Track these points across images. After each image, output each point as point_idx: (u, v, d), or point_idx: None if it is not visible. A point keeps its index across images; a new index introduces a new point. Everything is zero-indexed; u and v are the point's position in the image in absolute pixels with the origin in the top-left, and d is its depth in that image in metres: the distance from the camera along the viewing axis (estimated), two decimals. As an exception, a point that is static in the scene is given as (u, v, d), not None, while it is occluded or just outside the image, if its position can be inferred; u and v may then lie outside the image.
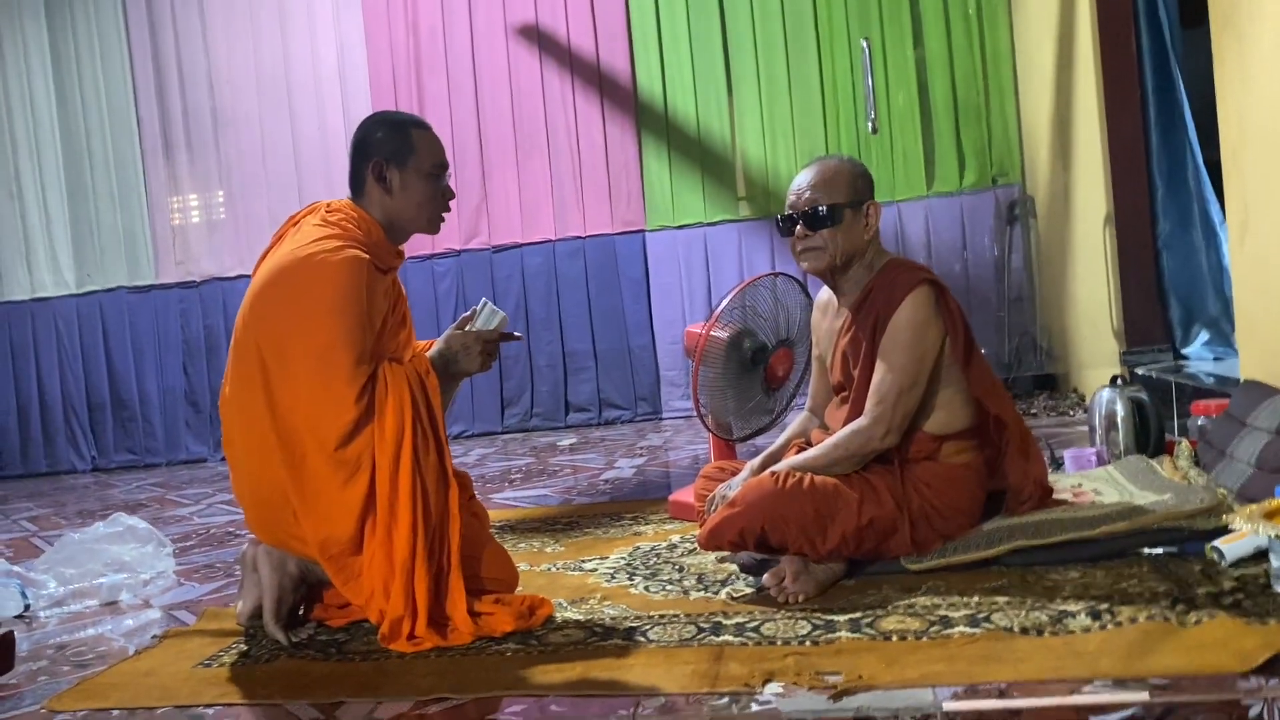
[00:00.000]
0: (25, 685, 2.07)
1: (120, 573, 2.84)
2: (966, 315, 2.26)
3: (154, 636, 2.32)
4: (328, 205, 2.26)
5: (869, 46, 5.17)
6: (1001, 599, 1.88)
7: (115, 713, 1.83)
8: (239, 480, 2.18)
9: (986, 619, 1.79)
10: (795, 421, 2.52)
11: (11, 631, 2.05)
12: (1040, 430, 3.73)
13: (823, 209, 2.22)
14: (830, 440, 2.19)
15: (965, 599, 1.91)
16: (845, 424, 2.25)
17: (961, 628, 1.76)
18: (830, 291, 2.40)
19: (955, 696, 1.49)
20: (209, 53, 6.28)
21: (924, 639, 1.74)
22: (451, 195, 2.32)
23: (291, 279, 2.09)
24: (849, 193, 2.25)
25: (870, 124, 5.16)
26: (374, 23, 6.09)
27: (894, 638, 1.76)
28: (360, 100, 6.05)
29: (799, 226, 2.25)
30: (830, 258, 2.24)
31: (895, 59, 5.52)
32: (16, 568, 2.88)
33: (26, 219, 6.53)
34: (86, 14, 6.38)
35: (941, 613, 1.85)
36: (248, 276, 6.09)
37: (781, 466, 2.18)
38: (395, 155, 2.22)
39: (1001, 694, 1.48)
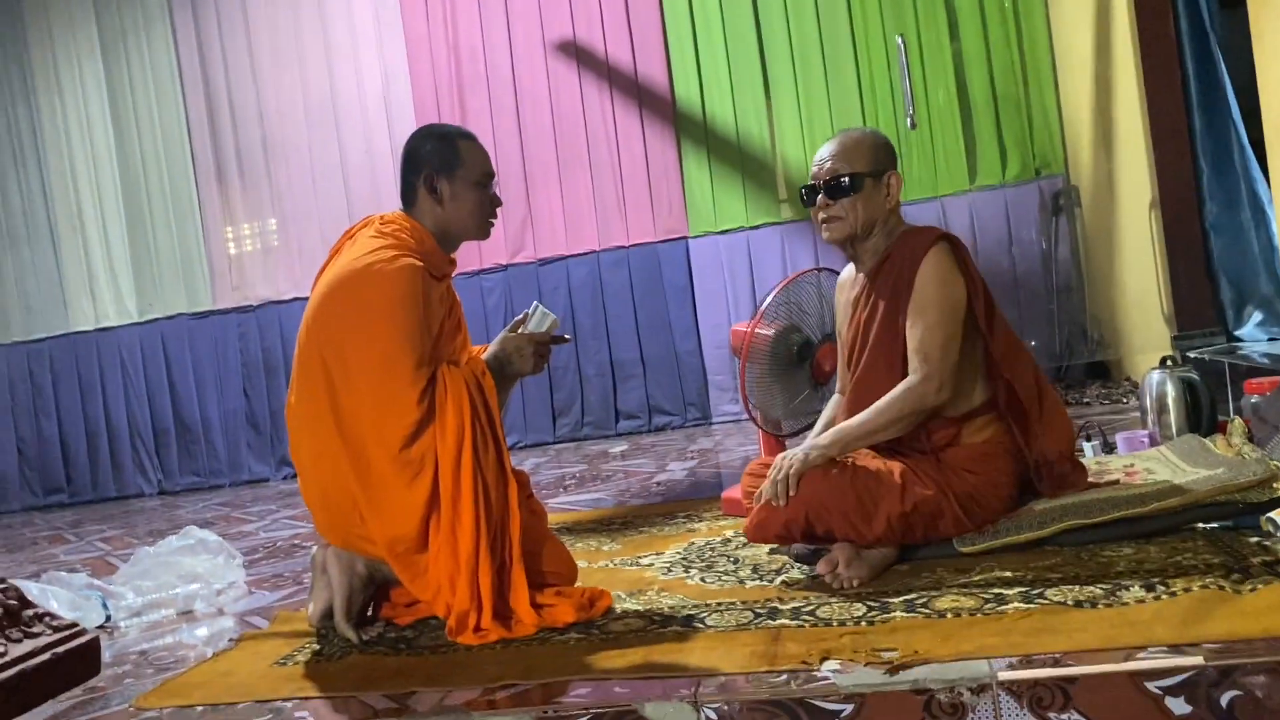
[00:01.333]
0: (111, 687, 2.17)
1: (194, 583, 2.94)
2: (1016, 307, 2.29)
3: (230, 640, 2.41)
4: (381, 218, 2.34)
5: (905, 43, 5.19)
6: (1055, 575, 1.90)
7: (199, 708, 1.91)
8: (307, 486, 2.26)
9: (1040, 595, 1.81)
10: (828, 407, 2.55)
11: (97, 637, 2.15)
12: (1094, 417, 3.72)
13: (844, 179, 2.27)
14: (880, 402, 2.18)
15: (1019, 577, 1.93)
16: (857, 390, 2.28)
17: (1016, 603, 1.78)
18: (851, 269, 2.44)
19: (1010, 667, 1.51)
20: (258, 84, 6.47)
21: (978, 615, 1.76)
22: (499, 202, 2.40)
23: (351, 289, 2.17)
24: (870, 162, 2.28)
25: (909, 120, 5.18)
26: (416, 47, 6.23)
27: (948, 615, 1.78)
28: (405, 123, 6.19)
29: (821, 196, 2.31)
30: (851, 227, 2.29)
31: (932, 54, 5.53)
32: (97, 581, 2.99)
33: (89, 252, 6.76)
34: (140, 52, 6.60)
35: (995, 590, 1.87)
36: (302, 299, 6.31)
37: (826, 436, 2.20)
38: (444, 166, 2.30)
39: (1056, 663, 1.50)
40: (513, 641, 2.00)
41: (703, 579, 2.30)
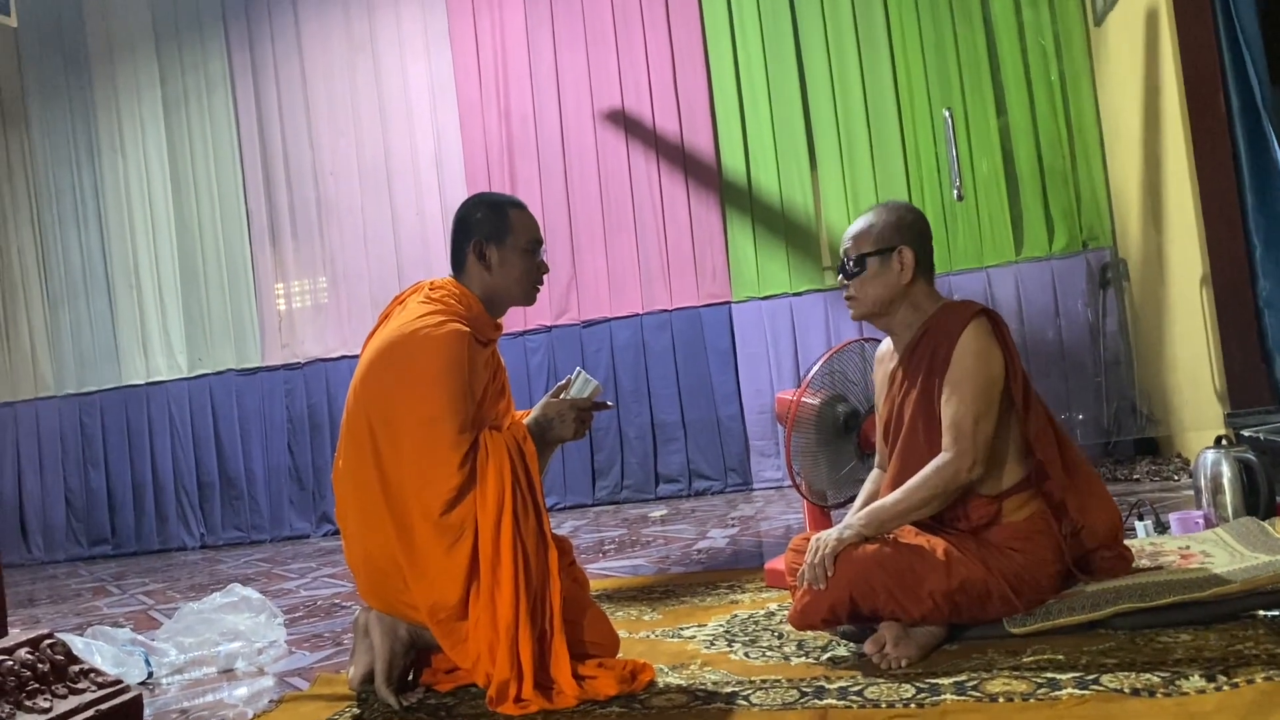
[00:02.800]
0: (152, 747, 2.17)
1: (235, 641, 2.95)
2: (1063, 380, 2.27)
3: (271, 701, 2.41)
4: (431, 283, 2.38)
5: (951, 116, 5.21)
6: (1110, 660, 1.85)
7: (239, 772, 1.91)
8: (352, 549, 2.26)
9: (1095, 681, 1.76)
10: (868, 481, 2.52)
11: (140, 695, 2.16)
12: (1145, 495, 3.65)
13: (850, 261, 2.33)
14: (913, 480, 2.16)
15: (1072, 660, 1.89)
16: (897, 466, 2.25)
17: (1070, 689, 1.74)
18: (889, 342, 2.44)
19: (1066, 757, 1.47)
20: (314, 146, 6.63)
21: (1031, 700, 1.72)
22: (546, 270, 2.44)
23: (398, 353, 2.19)
24: (876, 241, 2.30)
25: (956, 192, 5.19)
26: (468, 113, 6.37)
27: (1000, 699, 1.74)
28: (456, 186, 6.30)
29: (840, 277, 2.38)
30: (867, 305, 2.33)
31: (978, 127, 5.55)
32: (140, 636, 3.01)
33: (144, 308, 6.91)
34: (201, 115, 6.81)
35: (1048, 674, 1.83)
36: (350, 357, 6.39)
37: (860, 516, 2.17)
38: (494, 234, 2.34)
39: (1114, 755, 1.46)
40: (553, 714, 1.98)
41: (746, 654, 2.27)
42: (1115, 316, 5.31)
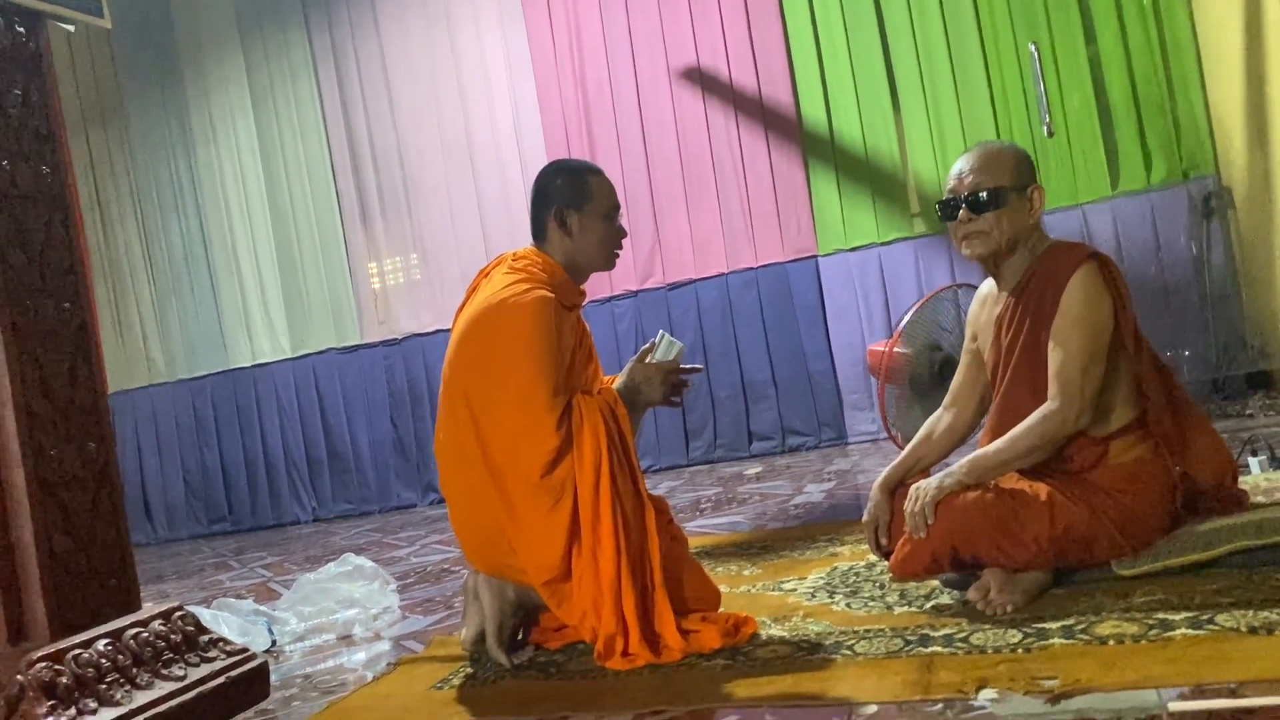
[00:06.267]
0: (280, 710, 2.28)
1: (352, 608, 3.07)
2: (1167, 316, 2.20)
3: (389, 664, 2.51)
4: (514, 254, 2.42)
5: (1038, 50, 5.04)
6: (1225, 600, 1.81)
7: (363, 731, 2.00)
8: (457, 517, 2.33)
9: (1210, 620, 1.72)
10: (928, 421, 2.48)
11: (266, 661, 2.27)
12: (1259, 430, 3.52)
13: (985, 193, 2.20)
14: (1017, 429, 2.12)
15: (1185, 601, 1.85)
16: (1000, 414, 2.21)
17: (1183, 630, 1.70)
18: (991, 283, 2.37)
19: (1182, 697, 1.45)
20: (397, 127, 6.74)
21: (1143, 642, 1.69)
22: (624, 234, 2.46)
23: (488, 324, 2.24)
24: (1014, 175, 2.22)
25: (1046, 128, 5.02)
26: (545, 83, 6.39)
27: (1111, 642, 1.72)
28: (536, 157, 6.34)
29: (962, 211, 2.24)
30: (995, 243, 2.22)
31: (1066, 60, 5.35)
32: (262, 607, 3.15)
33: (245, 293, 7.15)
34: (288, 103, 6.97)
35: (1160, 615, 1.80)
36: (444, 331, 6.51)
37: (962, 464, 2.15)
38: (574, 201, 2.37)
39: (1232, 693, 1.43)
40: (660, 667, 2.02)
41: (848, 605, 2.28)
42: (1221, 247, 5.10)
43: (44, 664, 1.90)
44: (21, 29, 2.15)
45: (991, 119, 5.51)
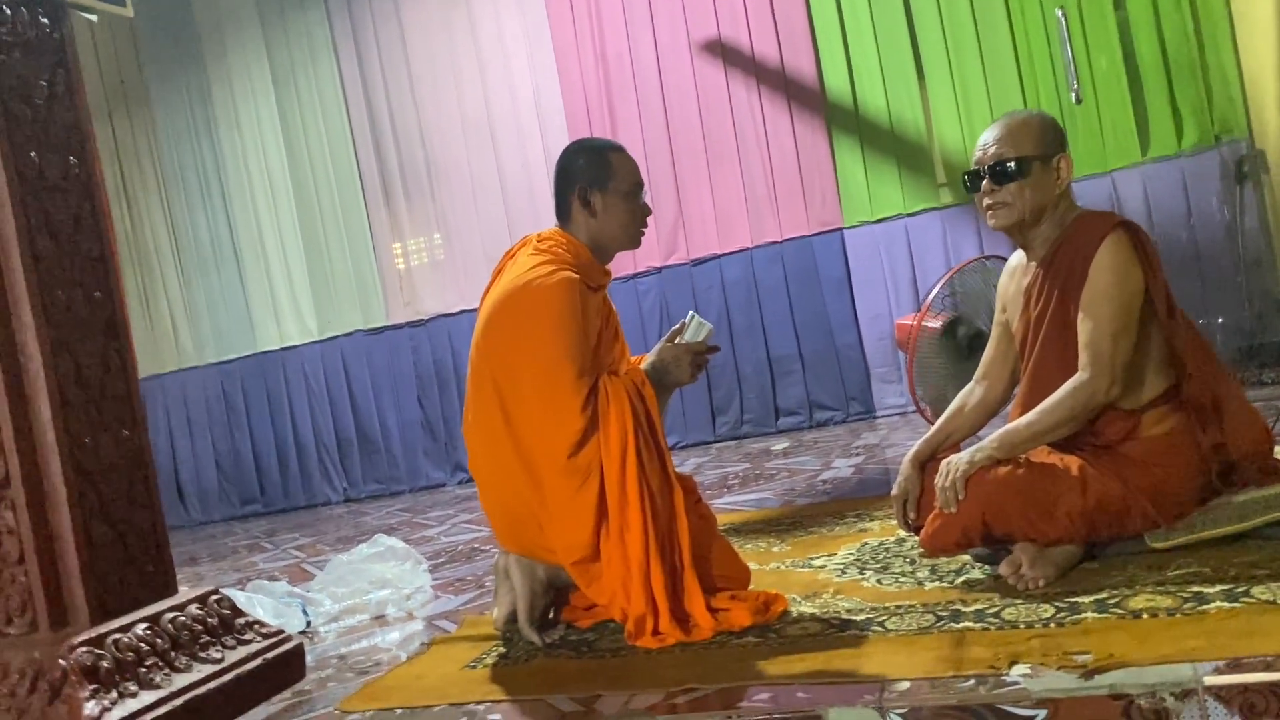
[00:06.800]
0: (316, 691, 2.31)
1: (384, 589, 3.10)
2: (1199, 282, 2.16)
3: (422, 644, 2.54)
4: (539, 235, 2.42)
5: (1065, 15, 4.95)
6: (1261, 571, 1.80)
7: (398, 711, 2.02)
8: (487, 498, 2.35)
9: (1246, 593, 1.71)
10: (960, 395, 2.46)
11: (301, 643, 2.29)
12: (1293, 398, 3.47)
13: (1011, 163, 2.18)
14: (1047, 401, 2.11)
15: (1220, 573, 1.83)
16: (1030, 386, 2.19)
17: (1219, 602, 1.69)
18: (1020, 255, 2.35)
19: (1218, 671, 1.44)
20: (418, 106, 6.73)
21: (1177, 615, 1.68)
22: (649, 211, 2.45)
23: (514, 307, 2.25)
24: (1038, 145, 2.19)
25: (1074, 94, 4.94)
26: (565, 56, 6.36)
27: (1144, 616, 1.71)
28: (557, 131, 6.32)
29: (985, 182, 2.22)
30: (1019, 213, 2.20)
31: (1094, 24, 5.26)
32: (296, 588, 3.19)
33: (272, 276, 7.19)
34: (309, 85, 6.97)
35: (1195, 588, 1.78)
36: (469, 311, 6.53)
37: (993, 438, 2.13)
38: (597, 180, 2.36)
39: (1269, 667, 1.42)
40: (690, 645, 2.03)
41: (879, 581, 2.27)
42: (1255, 212, 5.01)
43: (85, 648, 1.93)
44: (46, 20, 2.15)
45: (1018, 86, 5.43)
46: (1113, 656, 1.55)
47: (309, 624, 2.99)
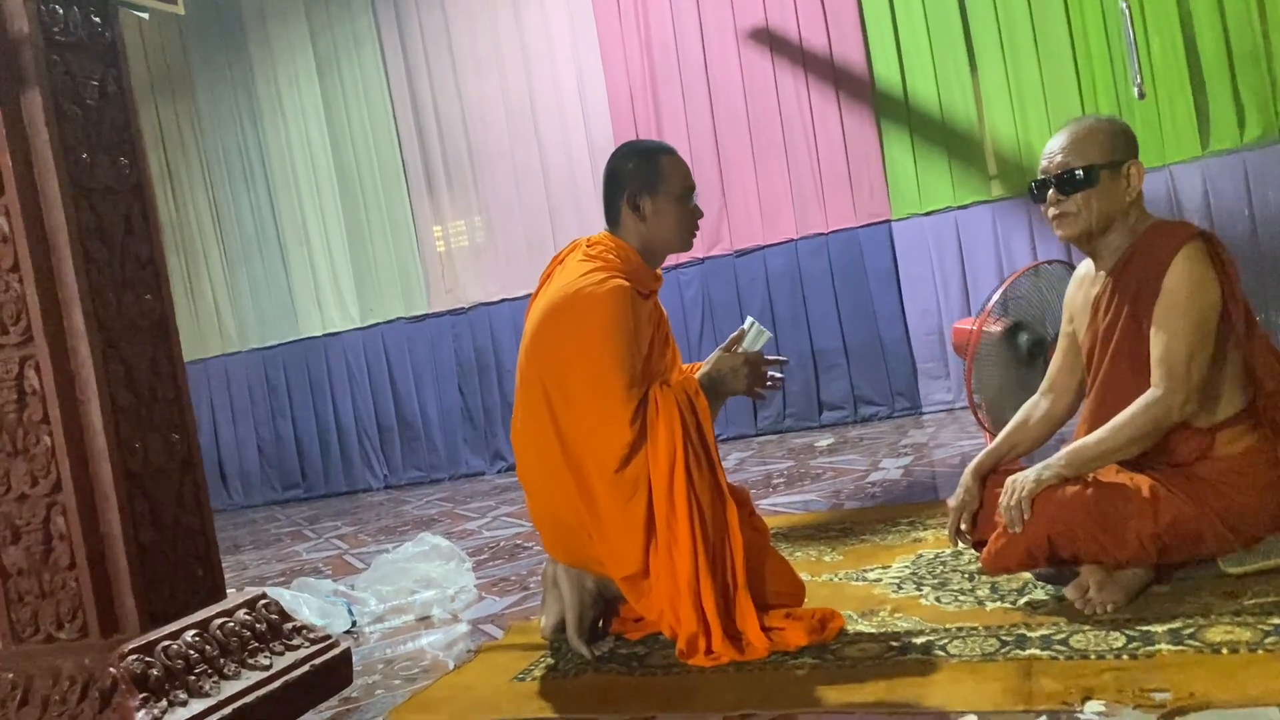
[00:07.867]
0: (364, 699, 2.29)
1: (429, 589, 3.08)
2: (1259, 281, 2.07)
3: (469, 651, 2.51)
4: (588, 240, 2.37)
5: (1128, 5, 4.80)
6: (1348, 606, 1.72)
7: (447, 724, 1.99)
8: (536, 506, 2.31)
9: (1333, 629, 1.64)
10: (1023, 407, 2.38)
11: (349, 648, 2.28)
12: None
13: (1077, 172, 2.10)
14: (1119, 418, 2.02)
15: (1303, 606, 1.76)
16: (1097, 401, 2.11)
17: (1304, 639, 1.62)
18: (1089, 263, 2.26)
19: (1308, 718, 1.37)
20: (461, 93, 6.69)
21: (1259, 650, 1.61)
22: (700, 215, 2.40)
23: (564, 314, 2.20)
24: (1106, 152, 2.10)
25: (1137, 89, 4.79)
26: (609, 44, 6.28)
27: (1224, 650, 1.64)
28: (601, 120, 6.26)
29: (1051, 192, 2.14)
30: (1085, 223, 2.12)
31: (1154, 12, 5.10)
32: (342, 587, 3.18)
33: (314, 263, 7.21)
34: (353, 72, 6.96)
35: (1275, 620, 1.71)
36: (510, 300, 6.49)
37: (1061, 455, 2.06)
38: (647, 184, 2.31)
39: (1364, 716, 1.35)
40: (745, 665, 1.98)
41: (938, 599, 2.21)
42: (1320, 208, 4.86)
43: (135, 656, 1.92)
44: (98, 19, 2.13)
45: (1074, 76, 5.29)
46: (1193, 696, 1.49)
47: (354, 624, 2.98)
